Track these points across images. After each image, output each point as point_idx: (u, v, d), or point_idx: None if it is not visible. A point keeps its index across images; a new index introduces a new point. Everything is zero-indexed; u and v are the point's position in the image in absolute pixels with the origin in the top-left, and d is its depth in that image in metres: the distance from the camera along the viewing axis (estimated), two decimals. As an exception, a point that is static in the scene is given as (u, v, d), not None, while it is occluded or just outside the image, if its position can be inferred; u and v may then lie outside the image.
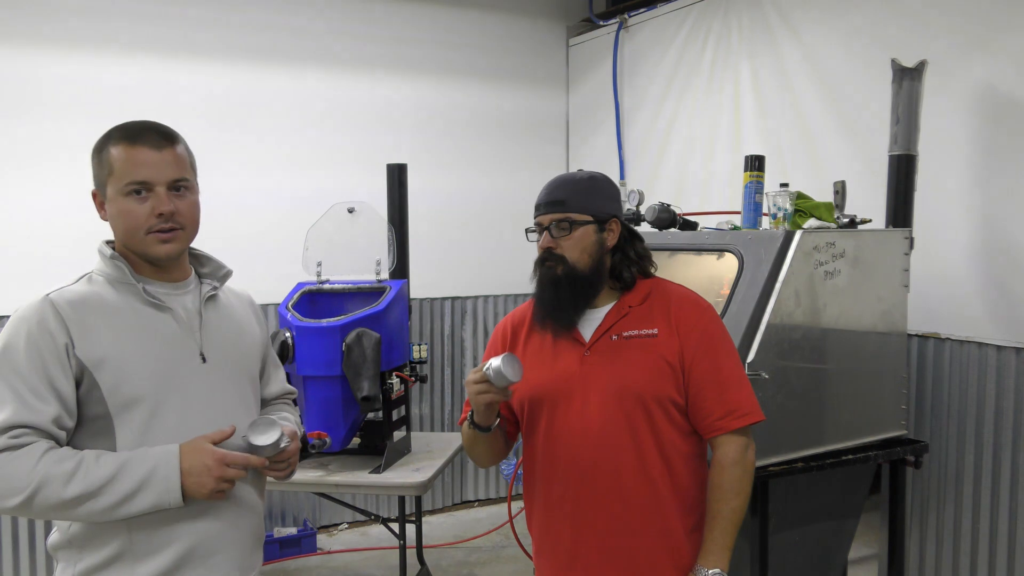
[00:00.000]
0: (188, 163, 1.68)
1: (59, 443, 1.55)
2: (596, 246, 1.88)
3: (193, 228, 1.69)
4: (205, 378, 1.67)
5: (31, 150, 4.02)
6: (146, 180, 1.60)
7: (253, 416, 1.76)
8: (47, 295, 1.59)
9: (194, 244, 1.75)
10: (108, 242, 1.69)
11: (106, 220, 1.67)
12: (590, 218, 1.87)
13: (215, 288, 1.77)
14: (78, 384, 1.56)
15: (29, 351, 1.53)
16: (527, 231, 1.96)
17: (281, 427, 1.67)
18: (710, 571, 1.81)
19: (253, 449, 1.64)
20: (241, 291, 1.91)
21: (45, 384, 1.52)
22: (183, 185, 1.65)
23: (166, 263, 1.67)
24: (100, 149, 1.63)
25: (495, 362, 1.74)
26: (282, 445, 1.66)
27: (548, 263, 1.88)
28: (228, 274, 1.83)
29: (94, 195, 1.67)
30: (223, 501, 1.64)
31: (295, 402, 2.07)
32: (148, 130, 1.63)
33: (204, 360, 1.68)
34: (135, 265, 1.66)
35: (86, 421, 1.58)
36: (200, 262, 1.80)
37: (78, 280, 1.65)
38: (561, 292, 1.86)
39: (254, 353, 1.84)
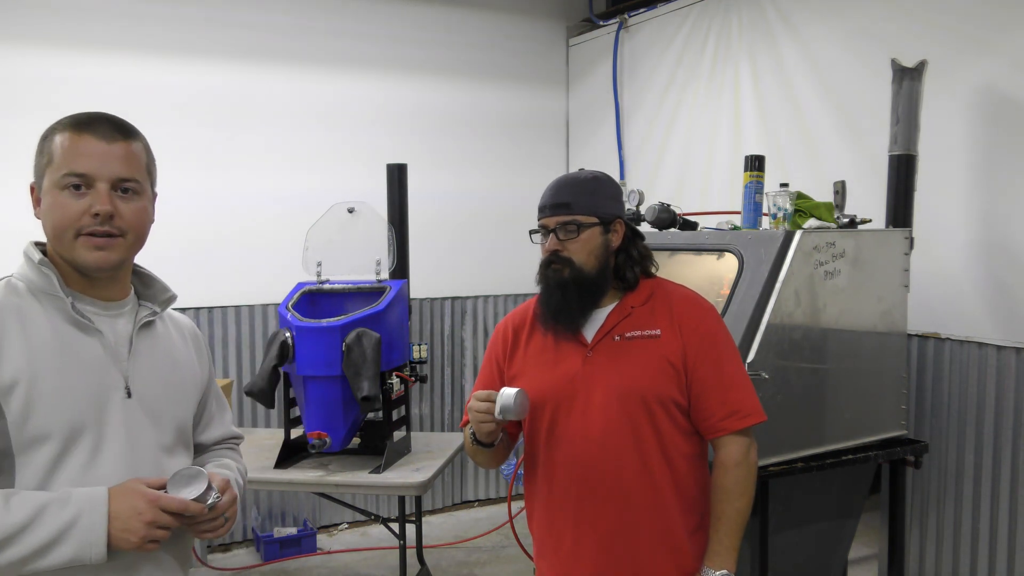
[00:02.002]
0: (142, 164, 1.44)
1: None
2: (602, 248, 1.88)
3: (136, 238, 1.43)
4: (126, 415, 1.41)
5: (30, 150, 4.02)
6: (86, 173, 1.36)
7: (175, 464, 1.48)
8: None
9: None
10: (38, 244, 1.45)
11: (39, 218, 1.42)
12: (596, 220, 1.87)
13: (154, 313, 1.52)
14: None
15: None
16: (531, 233, 1.95)
17: (208, 477, 1.40)
18: (717, 572, 1.81)
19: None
20: (184, 320, 1.65)
21: None
22: (131, 187, 1.40)
23: (95, 274, 1.41)
24: (44, 137, 1.41)
25: (508, 393, 1.73)
26: (209, 501, 1.39)
27: (555, 266, 1.87)
28: (171, 299, 1.56)
29: (31, 189, 1.43)
30: (143, 561, 1.39)
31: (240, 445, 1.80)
32: (101, 119, 1.41)
33: (129, 395, 1.42)
34: (65, 275, 1.41)
35: None
36: (143, 282, 1.55)
37: None
38: (568, 295, 1.86)
39: (188, 392, 1.58)
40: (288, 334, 3.16)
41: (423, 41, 5.00)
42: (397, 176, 3.92)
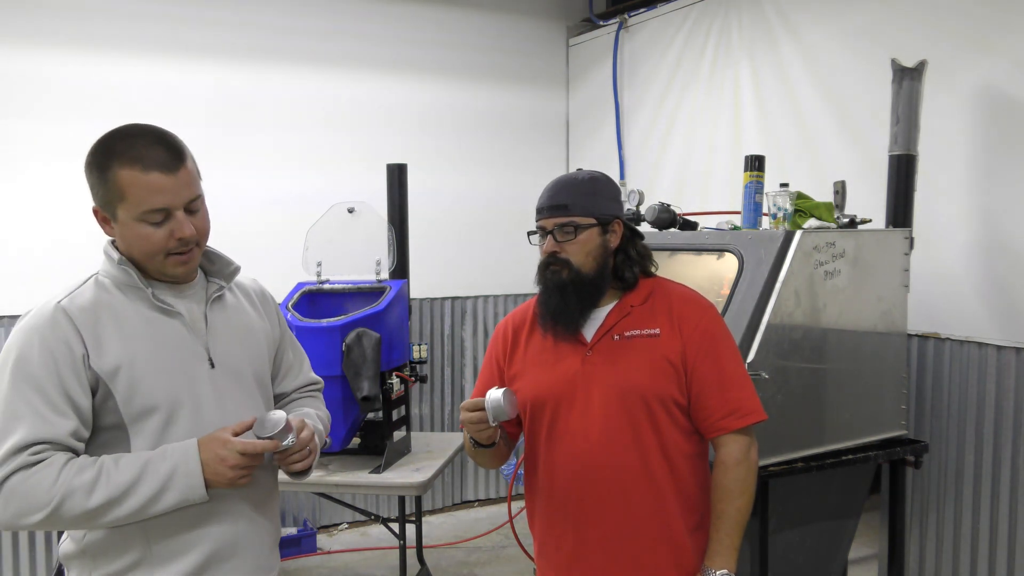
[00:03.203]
0: (197, 175, 1.60)
1: (76, 455, 1.51)
2: (600, 248, 1.88)
3: (206, 239, 1.66)
4: (214, 384, 1.63)
5: (30, 150, 4.02)
6: (164, 207, 1.53)
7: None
8: (59, 303, 1.53)
9: None
10: (113, 243, 1.63)
11: (112, 236, 1.60)
12: (594, 221, 1.87)
13: (221, 288, 1.72)
14: (93, 394, 1.52)
15: (45, 363, 1.48)
16: (529, 234, 1.95)
17: (286, 420, 1.61)
18: (718, 572, 1.81)
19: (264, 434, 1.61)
20: (250, 282, 1.86)
21: (63, 397, 1.48)
22: (196, 203, 1.59)
23: (183, 281, 1.64)
24: (103, 168, 1.52)
25: (495, 396, 1.74)
26: (286, 441, 1.61)
27: (553, 267, 1.87)
28: (236, 271, 1.77)
29: (96, 212, 1.58)
30: (240, 503, 1.63)
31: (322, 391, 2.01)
32: (154, 146, 1.52)
33: (212, 366, 1.64)
34: (142, 268, 1.61)
35: (100, 431, 1.55)
36: (208, 259, 1.74)
37: (84, 284, 1.60)
38: (567, 297, 1.86)
39: (262, 352, 1.78)
40: (288, 334, 3.16)
41: (423, 41, 5.01)
42: (397, 176, 3.92)
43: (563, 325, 1.88)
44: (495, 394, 1.75)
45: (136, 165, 1.50)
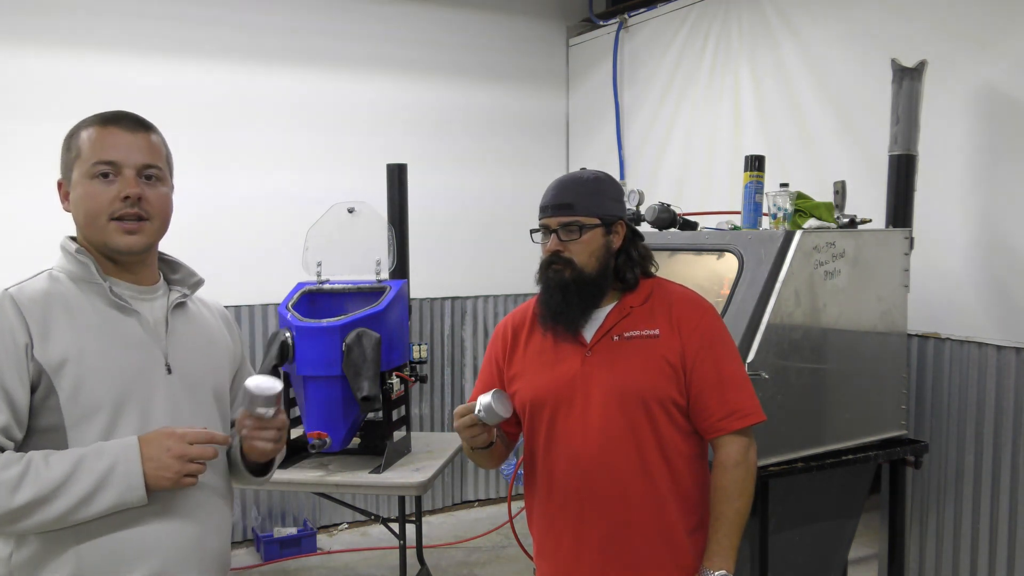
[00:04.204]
0: (163, 154, 1.56)
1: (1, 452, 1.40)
2: (603, 249, 1.88)
3: (161, 222, 1.56)
4: (168, 390, 1.53)
5: (29, 149, 4.01)
6: (115, 160, 1.48)
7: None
8: (6, 290, 1.45)
9: (171, 249, 1.65)
10: (72, 237, 1.56)
11: (69, 211, 1.54)
12: (598, 221, 1.87)
13: (184, 296, 1.64)
14: (33, 390, 1.41)
15: None
16: (532, 233, 1.95)
17: (279, 393, 1.54)
18: (716, 572, 1.81)
19: (250, 398, 1.53)
20: (213, 302, 1.77)
21: None
22: (154, 173, 1.53)
23: (127, 257, 1.53)
24: (71, 135, 1.53)
25: (485, 400, 1.73)
26: (266, 411, 1.53)
27: (555, 266, 1.87)
28: (199, 282, 1.69)
29: (59, 185, 1.55)
30: (188, 523, 1.50)
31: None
32: (123, 115, 1.54)
33: (169, 371, 1.54)
34: (100, 263, 1.52)
35: (36, 433, 1.43)
36: (171, 268, 1.67)
37: (36, 276, 1.52)
38: (569, 296, 1.86)
39: (223, 367, 1.69)
40: (288, 334, 3.16)
41: (424, 42, 5.00)
42: (397, 176, 3.92)
43: (564, 325, 1.88)
44: (485, 399, 1.74)
45: (96, 123, 1.52)
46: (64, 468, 1.38)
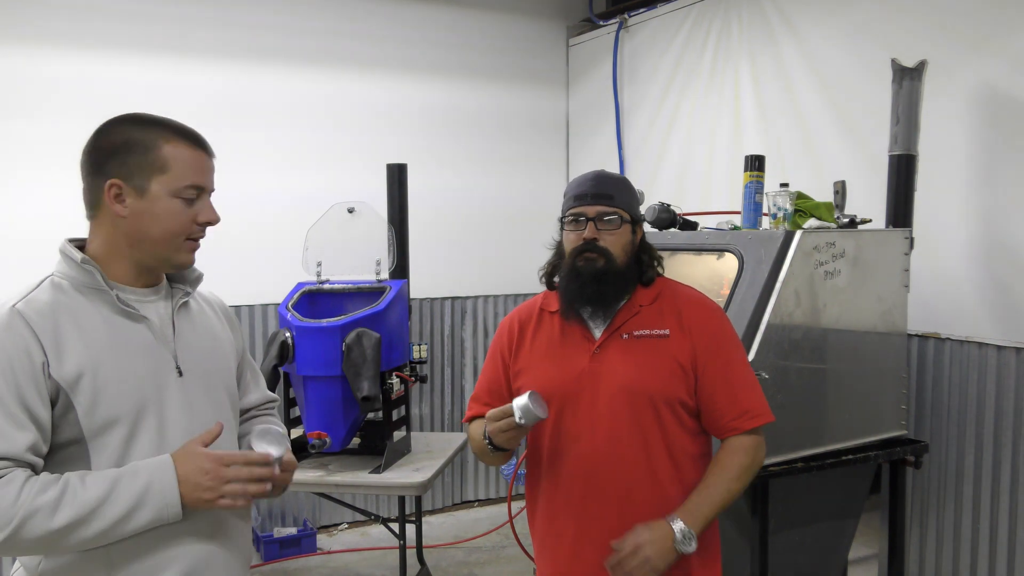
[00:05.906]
0: None
1: (36, 472, 1.40)
2: (632, 246, 1.91)
3: None
4: (182, 393, 1.53)
5: (28, 149, 4.01)
6: (204, 186, 1.55)
7: (233, 430, 1.66)
8: (14, 306, 1.42)
9: None
10: (72, 241, 1.53)
11: (122, 214, 1.48)
12: (631, 217, 1.91)
13: (187, 294, 1.64)
14: (52, 406, 1.41)
15: (2, 372, 1.37)
16: (562, 220, 1.93)
17: (284, 435, 1.58)
18: (678, 520, 1.76)
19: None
20: (211, 295, 1.77)
21: (21, 409, 1.37)
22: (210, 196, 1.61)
23: (182, 270, 1.60)
24: (146, 137, 1.50)
25: (522, 402, 1.72)
26: (285, 457, 1.58)
27: (588, 254, 1.86)
28: (199, 278, 1.68)
29: (112, 185, 1.48)
30: (210, 524, 1.52)
31: (282, 406, 1.97)
32: (203, 139, 1.58)
33: (180, 373, 1.54)
34: (106, 268, 1.50)
35: (57, 448, 1.43)
36: None
37: (39, 286, 1.48)
38: (604, 287, 1.85)
39: (229, 362, 1.70)
40: (288, 334, 3.16)
41: (423, 41, 5.00)
42: (397, 176, 3.92)
43: (600, 308, 1.87)
44: (521, 401, 1.72)
45: (185, 140, 1.54)
46: (101, 488, 1.39)
